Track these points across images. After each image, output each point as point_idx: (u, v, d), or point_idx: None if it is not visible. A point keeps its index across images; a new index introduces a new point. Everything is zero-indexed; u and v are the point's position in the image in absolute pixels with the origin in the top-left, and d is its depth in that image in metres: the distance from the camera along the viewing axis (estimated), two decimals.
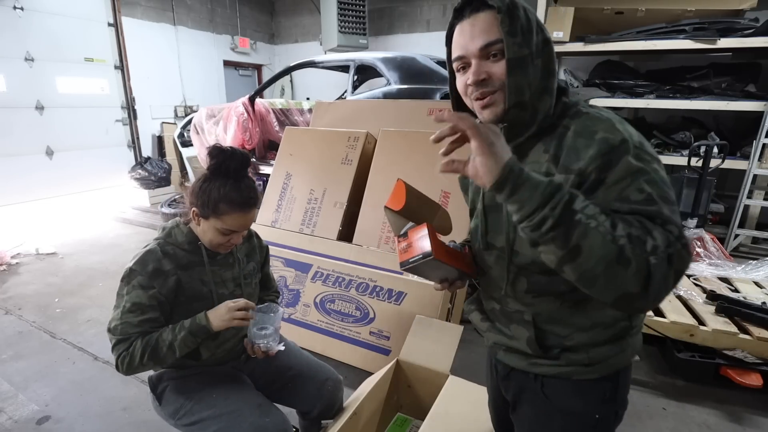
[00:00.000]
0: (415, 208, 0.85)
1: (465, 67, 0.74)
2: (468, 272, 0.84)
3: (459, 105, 0.81)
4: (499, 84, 0.71)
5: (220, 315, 1.14)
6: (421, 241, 0.75)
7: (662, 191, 0.63)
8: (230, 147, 1.16)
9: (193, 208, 1.16)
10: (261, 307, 1.23)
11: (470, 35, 0.71)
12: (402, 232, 0.80)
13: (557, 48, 1.91)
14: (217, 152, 1.14)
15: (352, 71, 3.87)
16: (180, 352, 1.13)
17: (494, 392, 0.98)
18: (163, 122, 6.28)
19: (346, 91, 4.04)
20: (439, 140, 0.65)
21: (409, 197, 0.83)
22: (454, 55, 0.75)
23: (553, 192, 0.59)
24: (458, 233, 0.86)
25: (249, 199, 1.15)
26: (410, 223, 0.81)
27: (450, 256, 0.79)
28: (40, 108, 4.78)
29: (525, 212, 0.60)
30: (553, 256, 0.60)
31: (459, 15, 0.73)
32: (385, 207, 0.85)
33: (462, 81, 0.75)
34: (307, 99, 5.62)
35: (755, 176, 3.55)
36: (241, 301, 1.16)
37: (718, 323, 2.01)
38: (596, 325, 0.75)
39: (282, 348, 1.28)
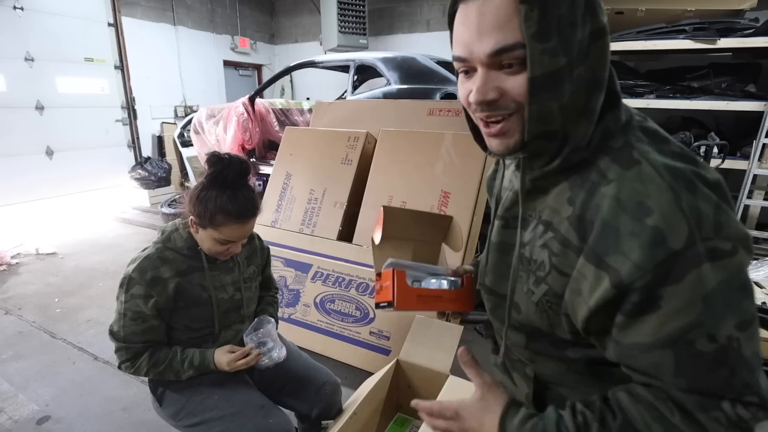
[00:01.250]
0: (408, 232, 0.79)
1: (468, 71, 0.52)
2: (459, 310, 0.77)
3: (470, 117, 0.61)
4: (515, 106, 0.50)
5: (222, 363, 1.18)
6: (386, 289, 0.69)
7: (744, 316, 0.44)
8: (228, 154, 1.13)
9: (191, 217, 1.14)
10: (252, 325, 1.27)
11: (477, 30, 0.48)
12: (379, 271, 0.73)
13: None
14: (215, 160, 1.11)
15: (352, 71, 3.87)
16: (183, 379, 1.19)
17: None
18: (163, 122, 6.28)
19: (346, 91, 4.04)
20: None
21: (390, 226, 0.78)
22: (454, 52, 0.52)
23: None
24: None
25: (246, 210, 1.12)
26: (389, 260, 0.72)
27: (425, 301, 0.71)
28: (40, 108, 4.77)
29: None
30: None
31: None
32: (372, 237, 0.82)
33: (464, 90, 0.53)
34: (307, 99, 5.62)
35: (755, 176, 3.55)
36: (238, 352, 1.19)
37: None
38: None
39: (285, 354, 1.28)
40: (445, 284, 0.73)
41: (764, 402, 0.44)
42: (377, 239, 0.78)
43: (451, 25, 0.53)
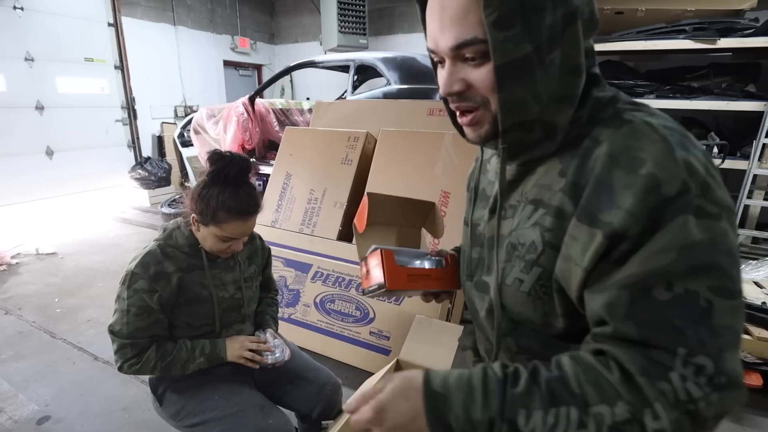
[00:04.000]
0: (391, 218, 0.78)
1: (441, 61, 0.53)
2: (448, 289, 0.75)
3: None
4: (482, 99, 0.50)
5: (234, 348, 1.20)
6: (375, 270, 0.67)
7: (722, 281, 0.41)
8: (230, 152, 1.14)
9: (193, 215, 1.15)
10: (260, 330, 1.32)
11: (439, 23, 0.49)
12: (364, 256, 0.72)
13: None
14: (216, 158, 1.12)
15: (352, 71, 3.87)
16: (190, 372, 1.19)
17: None
18: (163, 122, 6.28)
19: (346, 91, 4.04)
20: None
21: (374, 212, 0.77)
22: (426, 44, 0.54)
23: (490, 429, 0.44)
24: (458, 233, 0.84)
25: (248, 207, 1.13)
26: (372, 246, 0.71)
27: (415, 281, 0.69)
28: (40, 108, 4.78)
29: None
30: None
31: None
32: (354, 223, 0.80)
33: (440, 80, 0.54)
34: (307, 99, 5.62)
35: (755, 176, 3.54)
36: (252, 338, 1.24)
37: None
38: None
39: (289, 354, 1.29)
40: (429, 264, 0.73)
41: (721, 374, 0.40)
42: (361, 226, 0.76)
43: (423, 19, 0.54)
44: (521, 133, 0.51)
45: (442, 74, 0.52)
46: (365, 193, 0.80)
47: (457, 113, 0.55)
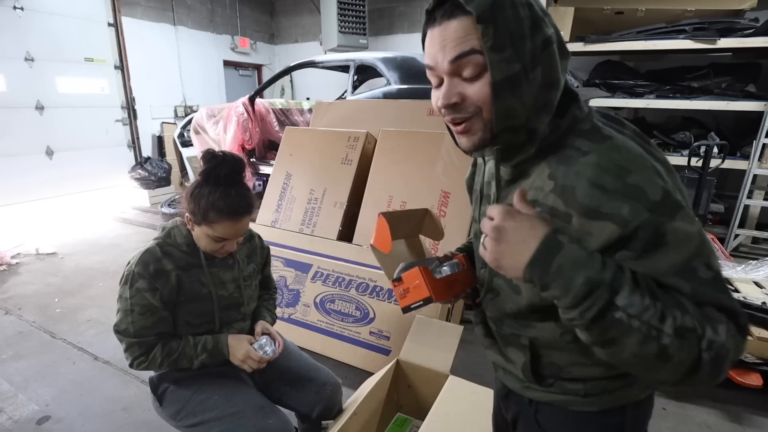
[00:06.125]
0: (403, 233, 0.81)
1: (438, 84, 0.62)
2: (473, 287, 0.80)
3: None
4: (474, 109, 0.59)
5: (236, 352, 1.20)
6: (419, 288, 0.71)
7: (717, 263, 0.54)
8: (222, 152, 1.13)
9: (187, 214, 1.15)
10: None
11: (440, 45, 0.57)
12: (396, 276, 0.75)
13: None
14: (209, 157, 1.11)
15: (352, 71, 3.87)
16: (195, 367, 1.20)
17: (496, 409, 0.92)
18: (163, 122, 6.28)
19: (346, 91, 4.04)
20: None
21: (394, 232, 0.79)
22: (425, 61, 0.62)
23: (591, 290, 0.51)
24: (458, 233, 0.83)
25: (239, 208, 1.12)
26: (401, 265, 0.76)
27: (450, 288, 0.75)
28: (40, 108, 4.78)
29: (558, 303, 0.54)
30: (584, 336, 0.55)
31: (431, 18, 0.59)
32: (372, 246, 0.82)
33: (434, 98, 0.63)
34: (307, 99, 5.63)
35: (755, 176, 3.54)
36: (256, 356, 1.21)
37: None
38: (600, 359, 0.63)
39: (280, 350, 1.29)
40: (451, 269, 0.78)
41: (746, 322, 0.54)
42: (386, 247, 0.79)
43: (424, 47, 0.64)
44: (511, 135, 0.60)
45: (439, 91, 0.61)
46: (378, 214, 0.82)
47: (451, 125, 0.64)
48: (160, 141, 6.26)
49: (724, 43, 3.29)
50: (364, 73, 4.06)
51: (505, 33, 0.54)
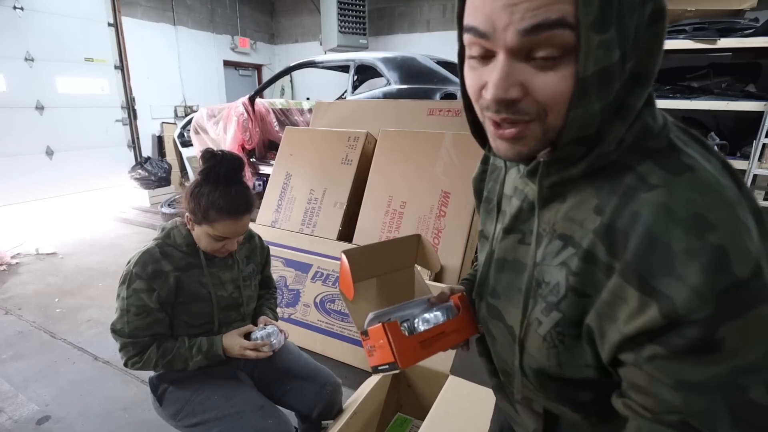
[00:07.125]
0: (377, 268, 0.69)
1: (485, 56, 0.41)
2: (466, 338, 0.65)
3: (470, 107, 0.49)
4: (537, 111, 0.40)
5: (232, 347, 1.19)
6: (382, 350, 0.58)
7: None
8: (221, 151, 1.13)
9: (187, 214, 1.15)
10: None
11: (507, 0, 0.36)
12: (363, 329, 0.62)
13: None
14: (208, 156, 1.12)
15: (352, 71, 3.87)
16: (191, 369, 1.19)
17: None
18: (163, 122, 6.28)
19: (346, 91, 4.04)
20: None
21: (357, 270, 0.66)
22: (468, 21, 0.40)
23: None
24: (458, 233, 0.80)
25: (239, 206, 1.12)
26: (369, 315, 0.63)
27: (429, 346, 0.60)
28: (40, 108, 4.77)
29: None
30: None
31: None
32: (340, 290, 0.70)
33: (475, 80, 0.43)
34: (307, 99, 5.63)
35: (755, 176, 3.54)
36: (250, 344, 1.20)
37: None
38: None
39: (283, 341, 1.29)
40: (441, 317, 0.62)
41: None
42: (349, 293, 0.66)
43: None
44: (575, 147, 0.42)
45: (488, 71, 0.41)
46: (341, 252, 0.69)
47: (490, 123, 0.44)
48: (160, 141, 6.26)
49: (724, 43, 3.29)
50: (364, 73, 4.06)
51: (614, 1, 0.35)
